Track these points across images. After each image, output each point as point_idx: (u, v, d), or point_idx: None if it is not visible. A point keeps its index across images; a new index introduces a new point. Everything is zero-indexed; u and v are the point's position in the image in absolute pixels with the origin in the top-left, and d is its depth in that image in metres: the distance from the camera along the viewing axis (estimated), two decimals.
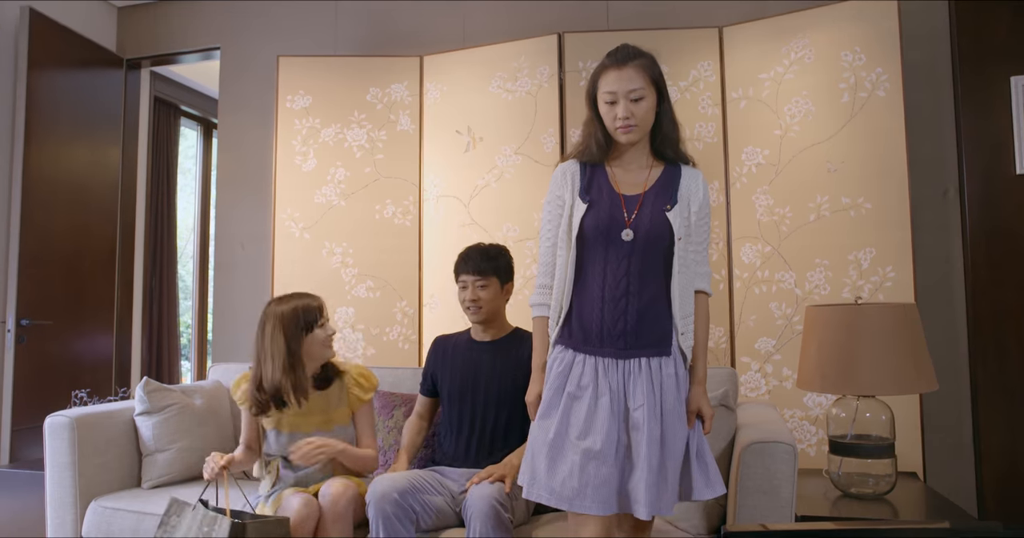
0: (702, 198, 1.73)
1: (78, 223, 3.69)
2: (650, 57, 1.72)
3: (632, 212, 1.69)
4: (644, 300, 1.66)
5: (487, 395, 2.20)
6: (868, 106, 2.66)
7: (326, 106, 3.34)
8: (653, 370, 1.65)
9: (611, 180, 1.74)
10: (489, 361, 2.24)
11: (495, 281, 2.24)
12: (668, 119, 1.74)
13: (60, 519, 2.37)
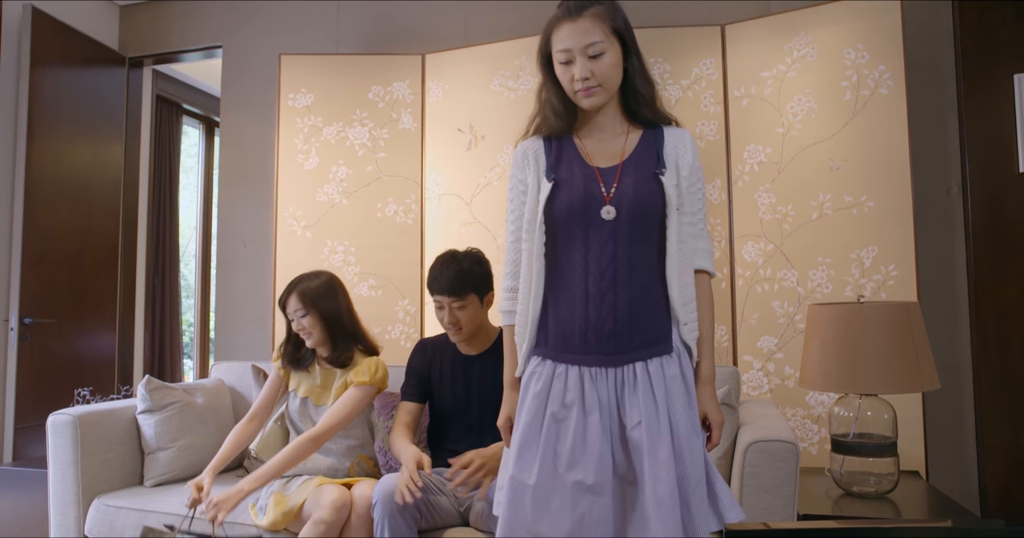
0: (691, 160, 1.47)
1: (81, 221, 3.69)
2: (610, 3, 1.44)
3: (611, 185, 1.42)
4: (635, 290, 1.39)
5: (481, 412, 2.10)
6: (871, 104, 2.66)
7: (328, 104, 3.34)
8: (654, 375, 1.38)
9: (582, 153, 1.47)
10: (478, 375, 2.13)
11: (474, 299, 2.09)
12: (639, 74, 1.47)
13: (63, 517, 2.38)
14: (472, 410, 2.13)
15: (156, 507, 2.29)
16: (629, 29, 1.45)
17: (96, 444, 2.41)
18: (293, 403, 2.35)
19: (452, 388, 2.15)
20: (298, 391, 2.34)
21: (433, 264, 2.13)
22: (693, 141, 1.51)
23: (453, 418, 2.16)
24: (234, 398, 2.85)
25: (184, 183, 5.22)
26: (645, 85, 1.49)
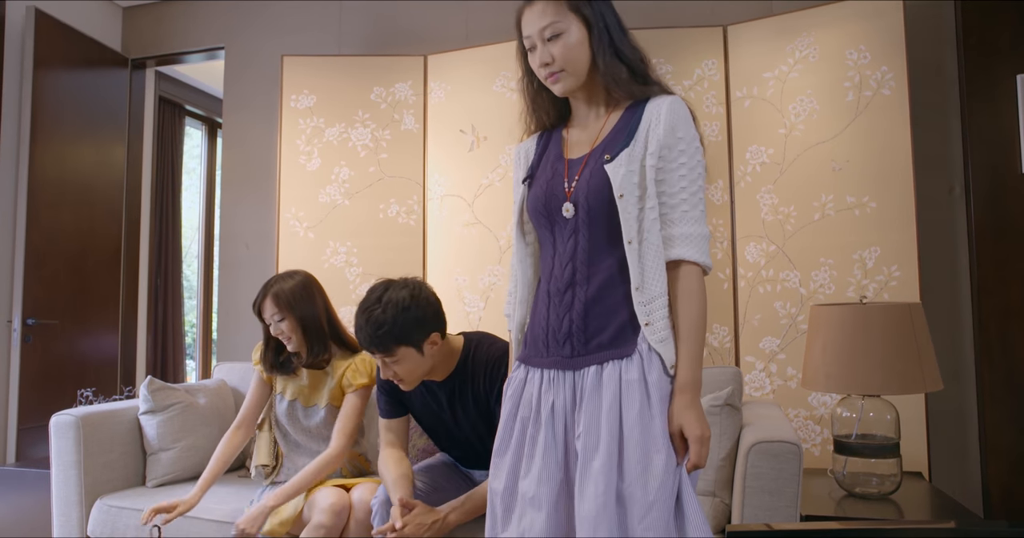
0: (664, 132, 1.27)
1: (83, 223, 3.70)
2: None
3: (574, 179, 1.33)
4: (593, 289, 1.29)
5: (460, 429, 1.99)
6: (873, 105, 2.65)
7: (330, 105, 3.34)
8: (606, 380, 1.24)
9: (563, 146, 1.40)
10: (447, 399, 1.95)
11: (408, 352, 1.79)
12: (605, 50, 1.33)
13: (66, 517, 2.38)
14: (451, 429, 2.02)
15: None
16: (590, 4, 1.33)
17: (99, 445, 2.41)
18: (280, 406, 2.29)
19: (427, 412, 2.01)
20: (285, 394, 2.28)
21: (356, 316, 1.84)
22: (676, 107, 1.30)
23: (437, 434, 2.09)
24: (236, 399, 2.85)
25: (186, 184, 5.23)
26: (615, 61, 1.34)
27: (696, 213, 1.29)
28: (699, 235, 1.28)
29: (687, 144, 1.30)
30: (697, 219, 1.29)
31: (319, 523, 1.97)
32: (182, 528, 2.22)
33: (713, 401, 2.04)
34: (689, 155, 1.29)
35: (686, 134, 1.30)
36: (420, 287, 1.86)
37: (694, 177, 1.29)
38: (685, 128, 1.31)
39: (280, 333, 2.19)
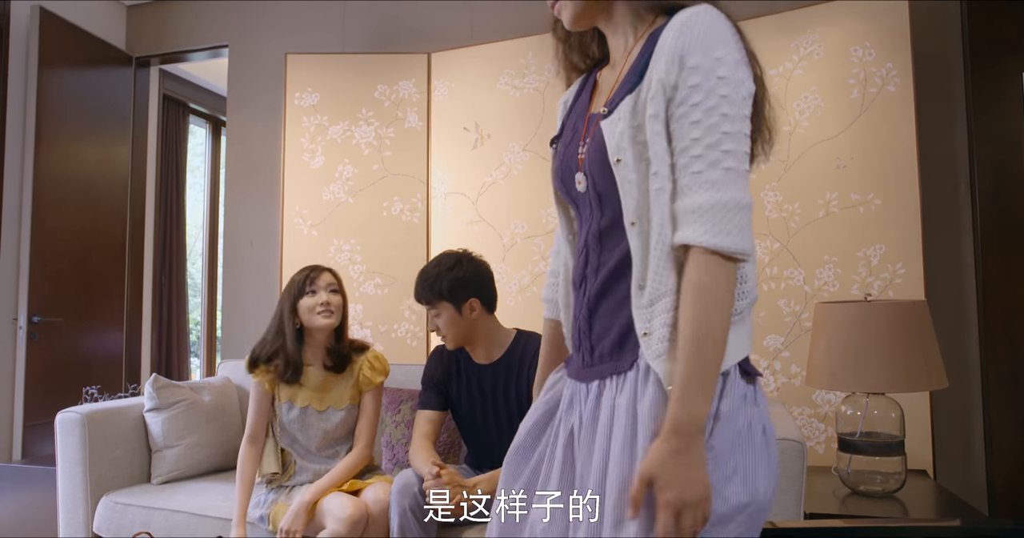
0: (676, 52, 0.94)
1: (88, 221, 3.71)
2: None
3: (586, 142, 1.05)
4: (599, 282, 1.02)
5: (499, 424, 2.07)
6: (878, 101, 2.65)
7: (334, 103, 3.35)
8: (603, 404, 0.99)
9: (592, 94, 1.13)
10: (491, 385, 2.07)
11: (446, 306, 2.01)
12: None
13: (72, 514, 2.39)
14: (489, 422, 2.08)
15: (164, 504, 2.30)
16: None
17: (104, 442, 2.42)
18: (289, 414, 2.22)
19: (468, 399, 2.09)
20: (295, 402, 2.22)
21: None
22: (692, 22, 0.96)
23: (471, 429, 2.13)
24: (240, 396, 2.86)
25: (191, 182, 5.24)
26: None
27: (715, 174, 0.91)
28: (715, 205, 0.90)
29: (704, 75, 0.92)
30: (716, 183, 0.91)
31: (335, 531, 1.97)
32: (189, 527, 2.23)
33: None
34: (706, 91, 0.92)
35: (703, 61, 0.93)
36: (472, 258, 2.07)
37: (712, 123, 0.91)
38: (702, 52, 0.93)
39: (327, 304, 2.18)
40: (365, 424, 2.22)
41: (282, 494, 2.18)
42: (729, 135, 0.92)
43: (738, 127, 0.94)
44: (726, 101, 0.93)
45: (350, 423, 2.26)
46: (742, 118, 0.95)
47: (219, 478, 2.57)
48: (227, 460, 2.70)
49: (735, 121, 0.93)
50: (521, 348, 2.07)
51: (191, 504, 2.29)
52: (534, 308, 3.04)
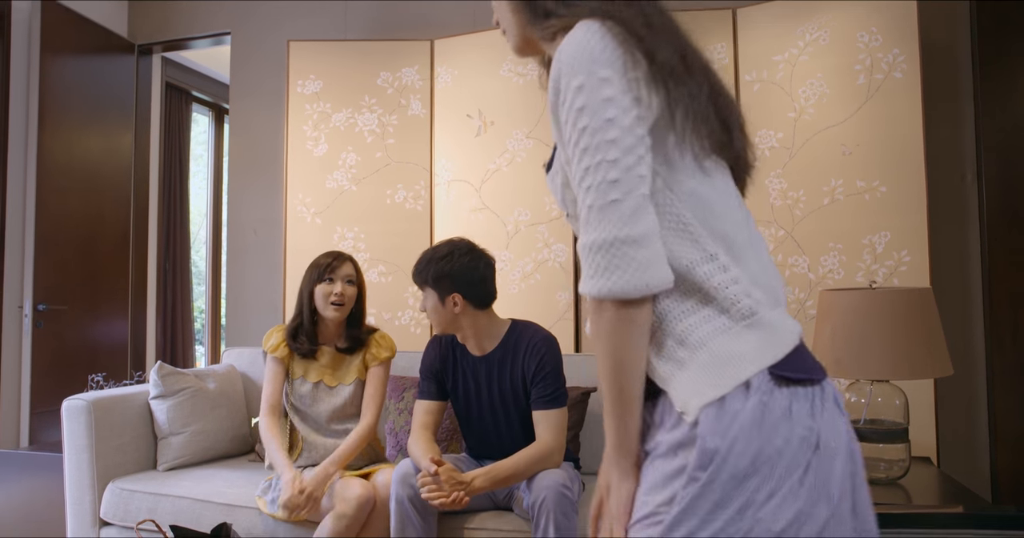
0: (552, 84, 0.90)
1: (92, 209, 3.71)
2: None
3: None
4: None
5: (495, 416, 2.07)
6: (884, 88, 2.63)
7: (337, 91, 3.33)
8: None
9: None
10: (485, 378, 2.07)
11: (431, 294, 2.01)
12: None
13: (79, 500, 2.41)
14: (484, 413, 2.08)
15: (170, 491, 2.32)
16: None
17: (110, 429, 2.44)
18: (301, 389, 2.31)
19: (464, 391, 2.10)
20: (307, 376, 2.32)
21: None
22: (556, 56, 0.90)
23: (467, 421, 2.14)
24: (245, 384, 2.87)
25: (194, 171, 5.23)
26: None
27: (584, 215, 0.88)
28: (584, 249, 0.88)
29: (567, 110, 0.89)
30: (585, 224, 0.87)
31: (342, 513, 1.99)
32: (194, 512, 2.24)
33: None
34: (571, 126, 0.88)
35: (565, 94, 0.88)
36: (469, 253, 2.02)
37: (576, 160, 0.88)
38: (564, 84, 0.88)
39: (341, 295, 2.27)
40: (371, 394, 2.29)
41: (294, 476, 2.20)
42: (589, 169, 0.87)
43: (597, 158, 0.86)
44: (585, 133, 0.87)
45: (359, 398, 2.32)
46: (602, 144, 0.86)
47: (224, 465, 2.58)
48: (232, 447, 2.71)
49: (595, 151, 0.86)
50: (515, 340, 2.05)
51: (197, 490, 2.31)
52: (538, 296, 3.03)
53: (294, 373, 2.32)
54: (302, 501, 2.04)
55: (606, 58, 0.87)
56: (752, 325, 0.90)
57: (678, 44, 0.95)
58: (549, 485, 1.81)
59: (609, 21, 0.90)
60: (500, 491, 2.05)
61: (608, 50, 0.87)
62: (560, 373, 2.01)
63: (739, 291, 0.90)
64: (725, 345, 0.88)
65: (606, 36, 0.88)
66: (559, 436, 1.95)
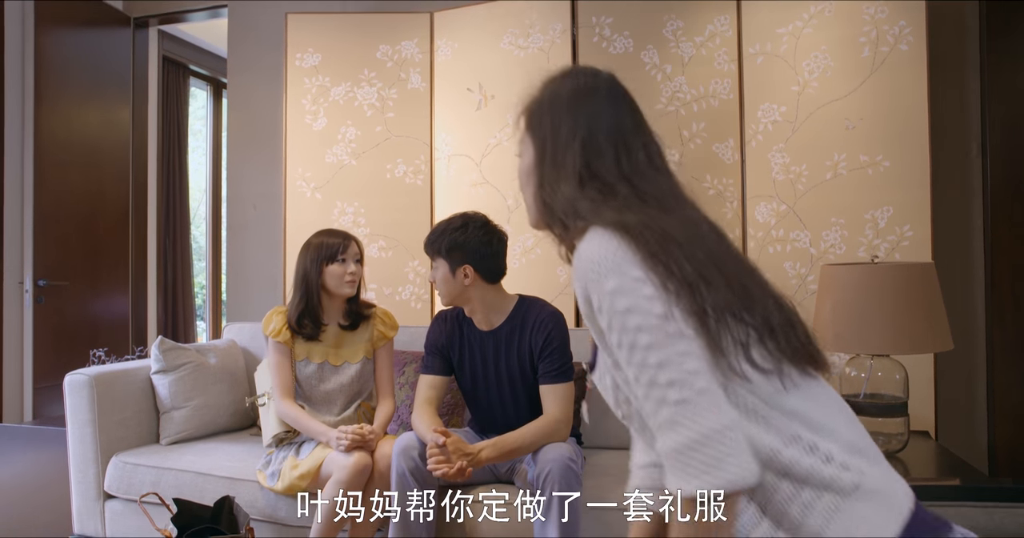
0: (581, 296, 0.94)
1: (91, 184, 3.70)
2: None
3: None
4: None
5: (501, 391, 2.08)
6: (889, 61, 2.59)
7: (336, 64, 3.30)
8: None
9: None
10: (492, 353, 2.07)
11: (442, 264, 2.02)
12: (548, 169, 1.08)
13: (83, 473, 2.43)
14: (491, 388, 2.09)
15: (172, 464, 2.34)
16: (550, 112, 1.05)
17: (112, 403, 2.45)
18: (305, 370, 2.29)
19: (470, 365, 2.10)
20: (311, 357, 2.29)
21: None
22: (577, 266, 0.94)
23: (473, 395, 2.14)
24: (246, 358, 2.88)
25: (193, 146, 5.20)
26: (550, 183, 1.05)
27: (666, 413, 0.87)
28: (676, 449, 0.86)
29: (608, 314, 0.90)
30: (671, 423, 0.86)
31: (339, 480, 2.00)
32: (197, 485, 2.26)
33: None
34: (619, 330, 0.89)
35: (601, 300, 0.90)
36: (483, 227, 2.03)
37: (639, 359, 0.88)
38: (597, 291, 0.90)
39: (353, 274, 2.26)
40: (385, 377, 2.33)
41: (292, 450, 2.21)
42: (663, 365, 0.85)
43: (668, 352, 0.85)
44: (642, 331, 0.87)
45: (365, 377, 2.32)
46: (666, 337, 0.86)
47: (226, 439, 2.60)
48: (234, 421, 2.73)
49: (661, 347, 0.86)
50: (522, 315, 2.06)
51: (199, 464, 2.33)
52: (538, 270, 3.03)
53: (297, 355, 2.29)
54: (366, 432, 2.07)
55: (631, 259, 0.89)
56: (861, 497, 0.86)
57: (700, 253, 0.92)
58: (555, 458, 1.82)
59: (626, 235, 0.91)
60: (502, 464, 2.07)
61: (628, 253, 0.89)
62: (567, 348, 2.02)
63: (835, 469, 0.87)
64: (842, 528, 0.85)
65: (621, 241, 0.90)
66: (567, 409, 1.96)
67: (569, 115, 1.05)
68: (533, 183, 1.08)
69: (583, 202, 0.99)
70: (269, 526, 2.20)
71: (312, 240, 2.29)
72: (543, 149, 1.07)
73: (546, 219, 1.05)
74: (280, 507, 2.17)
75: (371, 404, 2.38)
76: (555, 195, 1.02)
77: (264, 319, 2.31)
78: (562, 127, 1.05)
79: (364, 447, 2.08)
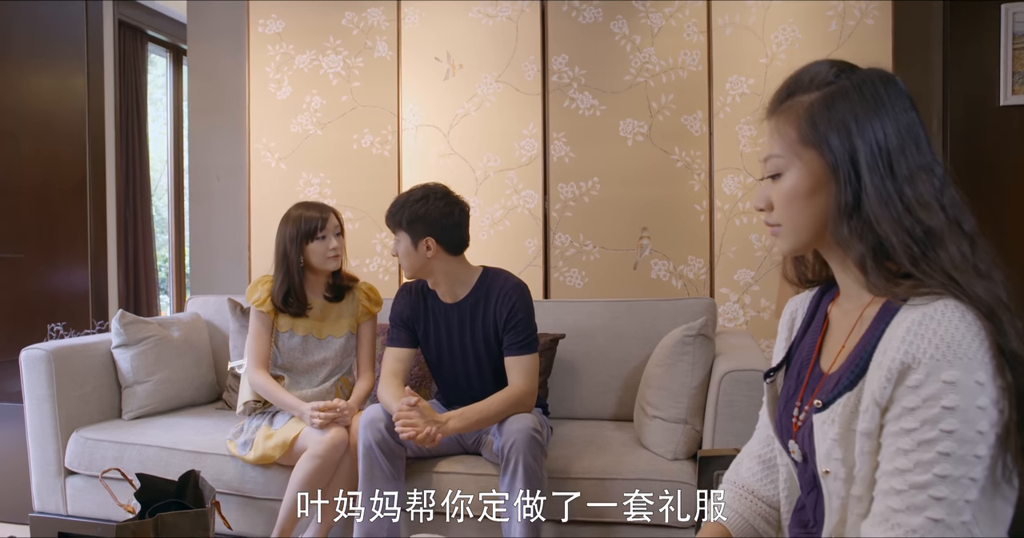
0: (896, 363, 0.82)
1: (45, 153, 3.58)
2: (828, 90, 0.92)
3: (805, 412, 0.96)
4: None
5: (466, 363, 2.07)
6: (856, 34, 2.61)
7: (300, 31, 3.22)
8: None
9: (824, 334, 1.03)
10: (457, 325, 2.05)
11: (404, 237, 1.99)
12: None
13: (42, 449, 2.39)
14: (456, 361, 2.08)
15: (136, 439, 2.31)
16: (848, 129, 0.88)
17: (71, 378, 2.40)
18: (289, 342, 2.25)
19: (435, 338, 2.08)
20: (295, 329, 2.25)
21: None
22: (916, 331, 0.81)
23: (439, 368, 2.13)
24: (211, 332, 2.84)
25: (153, 115, 5.06)
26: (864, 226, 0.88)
27: (916, 521, 0.81)
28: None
29: (923, 400, 0.81)
30: (916, 531, 0.81)
31: (315, 453, 1.99)
32: (161, 460, 2.24)
33: (687, 331, 2.06)
34: (923, 420, 0.80)
35: (926, 382, 0.80)
36: (444, 197, 2.00)
37: (926, 459, 0.81)
38: (927, 370, 0.80)
39: (334, 248, 2.22)
40: (366, 352, 2.31)
41: (265, 420, 2.19)
42: (946, 480, 0.77)
43: (962, 470, 0.77)
44: (950, 437, 0.77)
45: (348, 351, 2.31)
46: (972, 460, 0.77)
47: (191, 413, 2.57)
48: (199, 395, 2.70)
49: (959, 463, 0.77)
50: (486, 287, 2.04)
51: (164, 438, 2.30)
52: (506, 243, 3.02)
53: (281, 326, 2.26)
54: (339, 407, 2.07)
55: (981, 358, 0.78)
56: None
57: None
58: (520, 428, 1.83)
59: (974, 308, 0.80)
60: (469, 436, 2.07)
61: (983, 349, 0.79)
62: (531, 320, 2.02)
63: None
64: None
65: (981, 332, 0.79)
66: (532, 380, 1.97)
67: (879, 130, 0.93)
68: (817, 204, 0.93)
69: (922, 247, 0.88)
70: (236, 499, 2.18)
71: (291, 214, 2.23)
72: (844, 168, 0.91)
73: (829, 233, 0.92)
74: (248, 480, 2.16)
75: (350, 380, 2.37)
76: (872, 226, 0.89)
77: (249, 287, 2.29)
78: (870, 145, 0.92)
79: (339, 421, 2.07)
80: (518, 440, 1.81)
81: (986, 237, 0.86)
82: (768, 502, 1.10)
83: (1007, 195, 2.66)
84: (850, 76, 0.90)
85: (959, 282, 0.82)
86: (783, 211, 0.92)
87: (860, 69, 0.92)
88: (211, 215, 3.68)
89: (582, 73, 2.93)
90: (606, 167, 2.93)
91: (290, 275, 2.20)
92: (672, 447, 2.01)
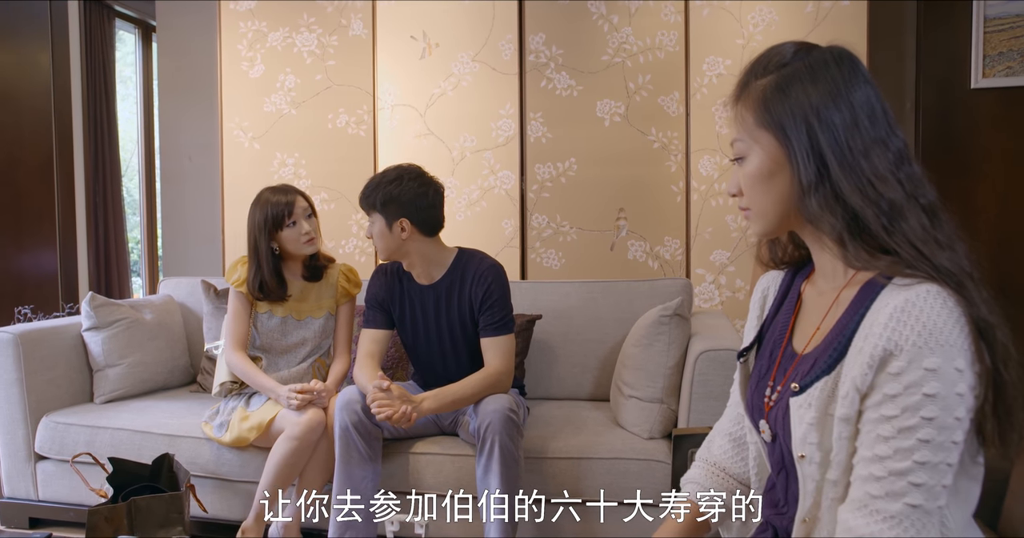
0: (878, 350, 0.83)
1: (7, 131, 3.49)
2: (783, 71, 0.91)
3: (778, 392, 0.98)
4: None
5: (442, 345, 2.07)
6: (832, 16, 2.61)
7: (273, 8, 3.15)
8: None
9: (797, 314, 1.03)
10: (432, 307, 2.04)
11: (378, 218, 1.97)
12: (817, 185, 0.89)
13: (11, 433, 2.35)
14: (432, 342, 2.07)
15: (108, 423, 2.28)
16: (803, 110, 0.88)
17: (41, 362, 2.36)
18: (269, 324, 2.24)
19: (411, 320, 2.07)
20: (275, 311, 2.24)
21: None
22: (899, 318, 0.81)
23: (415, 349, 2.13)
24: (184, 314, 2.80)
25: (123, 94, 4.95)
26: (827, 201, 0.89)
27: (895, 507, 0.83)
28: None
29: (905, 387, 0.82)
30: (893, 518, 0.83)
31: (291, 435, 1.98)
32: (134, 443, 2.21)
33: (663, 311, 2.07)
34: (904, 407, 0.82)
35: (908, 369, 0.81)
36: (418, 178, 1.98)
37: (905, 446, 0.82)
38: (909, 358, 0.81)
39: (308, 232, 2.18)
40: (344, 334, 2.29)
41: (241, 401, 2.17)
42: (925, 466, 0.79)
43: (940, 457, 0.79)
44: (930, 425, 0.79)
45: (327, 332, 2.29)
46: (949, 446, 0.79)
47: (165, 396, 2.54)
48: (172, 378, 2.67)
49: (938, 450, 0.79)
50: (462, 268, 2.03)
51: (136, 422, 2.27)
52: (483, 223, 3.01)
53: (260, 307, 2.24)
54: (317, 389, 2.06)
55: (961, 344, 0.79)
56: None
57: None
58: (496, 409, 1.83)
59: (955, 294, 0.81)
60: (446, 416, 2.07)
61: (963, 336, 0.79)
62: (507, 301, 2.01)
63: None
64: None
65: (961, 318, 0.80)
66: (508, 361, 1.97)
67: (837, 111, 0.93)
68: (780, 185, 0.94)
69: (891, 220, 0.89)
70: (211, 482, 2.17)
71: (260, 197, 2.19)
72: (801, 148, 0.92)
73: (800, 211, 0.92)
74: (223, 462, 2.15)
75: (327, 361, 2.35)
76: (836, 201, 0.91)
77: (229, 267, 2.27)
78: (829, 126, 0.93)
79: (316, 403, 2.06)
80: (494, 421, 1.81)
81: (950, 212, 0.87)
82: (740, 479, 1.12)
83: (977, 175, 2.70)
84: (804, 57, 0.91)
85: (924, 253, 0.83)
86: (749, 194, 0.94)
87: (817, 48, 0.92)
88: (183, 196, 3.62)
89: (559, 53, 2.91)
90: (583, 148, 2.92)
91: (261, 267, 2.17)
92: (648, 426, 2.02)
